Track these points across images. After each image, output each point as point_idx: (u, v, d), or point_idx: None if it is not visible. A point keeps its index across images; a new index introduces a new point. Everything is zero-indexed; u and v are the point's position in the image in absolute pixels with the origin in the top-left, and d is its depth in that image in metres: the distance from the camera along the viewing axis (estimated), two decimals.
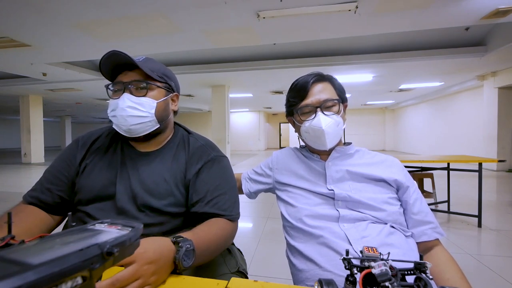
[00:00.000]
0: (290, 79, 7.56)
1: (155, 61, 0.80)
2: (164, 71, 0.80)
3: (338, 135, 0.81)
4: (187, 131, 0.88)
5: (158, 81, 0.77)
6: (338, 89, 0.84)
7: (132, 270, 0.45)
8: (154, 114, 0.74)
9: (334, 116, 0.79)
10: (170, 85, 0.81)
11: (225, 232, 0.70)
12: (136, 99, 0.72)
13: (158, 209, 0.71)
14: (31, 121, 9.15)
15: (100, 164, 0.76)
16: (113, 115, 0.73)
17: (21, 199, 0.75)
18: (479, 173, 2.64)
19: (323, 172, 0.82)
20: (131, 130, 0.73)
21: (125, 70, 0.74)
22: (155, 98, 0.75)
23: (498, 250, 2.17)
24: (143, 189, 0.72)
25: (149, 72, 0.73)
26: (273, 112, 16.86)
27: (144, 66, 0.72)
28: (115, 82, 0.74)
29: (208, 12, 3.21)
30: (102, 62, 0.71)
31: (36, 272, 0.20)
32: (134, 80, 0.73)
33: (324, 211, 0.75)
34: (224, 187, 0.76)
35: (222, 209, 0.73)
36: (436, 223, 0.74)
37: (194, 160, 0.78)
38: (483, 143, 7.01)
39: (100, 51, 4.56)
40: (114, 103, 0.72)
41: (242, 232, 2.67)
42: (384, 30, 3.81)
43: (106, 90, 0.76)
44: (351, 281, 0.41)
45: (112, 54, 0.69)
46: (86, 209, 0.72)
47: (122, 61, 0.71)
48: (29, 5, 2.97)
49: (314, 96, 0.80)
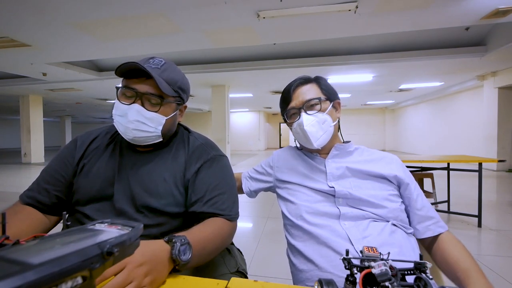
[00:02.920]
0: (290, 79, 7.59)
1: (174, 68, 0.76)
2: (180, 84, 0.76)
3: (326, 132, 0.81)
4: (187, 130, 0.88)
5: (172, 96, 0.74)
6: (324, 89, 0.85)
7: (123, 275, 0.45)
8: (160, 131, 0.73)
9: (318, 114, 0.80)
10: (182, 98, 0.78)
11: (222, 232, 0.69)
12: (147, 113, 0.70)
13: (157, 209, 0.71)
14: (31, 121, 9.15)
15: (98, 164, 0.75)
16: (119, 121, 0.71)
17: (18, 198, 0.74)
18: (479, 173, 2.64)
19: (323, 170, 0.82)
20: (134, 140, 0.73)
21: (141, 77, 0.70)
22: (165, 114, 0.73)
23: (498, 250, 2.17)
24: (142, 189, 0.72)
25: (165, 88, 0.70)
26: (273, 112, 16.85)
27: (161, 80, 0.69)
28: (128, 87, 0.70)
29: (208, 12, 3.21)
30: (120, 69, 0.68)
31: (36, 271, 0.20)
32: (149, 93, 0.70)
33: (325, 209, 0.75)
34: (223, 187, 0.75)
35: (221, 208, 0.72)
36: (438, 217, 0.75)
37: (193, 159, 0.77)
38: (483, 143, 7.01)
39: (100, 51, 4.56)
40: (123, 109, 0.70)
41: (242, 232, 2.67)
42: (384, 30, 3.81)
43: (116, 90, 0.73)
44: (351, 281, 0.41)
45: (132, 64, 0.67)
46: (84, 209, 0.72)
47: (142, 68, 0.68)
48: (29, 5, 2.97)
49: (298, 99, 0.83)
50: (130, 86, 0.70)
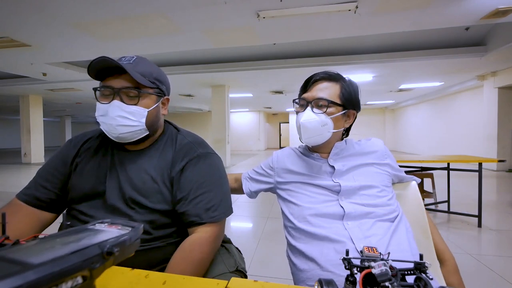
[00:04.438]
0: (290, 79, 7.55)
1: (147, 62, 0.76)
2: (156, 75, 0.76)
3: (321, 135, 0.81)
4: (176, 128, 0.88)
5: (150, 87, 0.74)
6: (344, 93, 0.81)
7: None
8: (144, 123, 0.73)
9: (321, 115, 0.79)
10: (161, 89, 0.78)
11: (203, 248, 0.69)
12: (127, 107, 0.70)
13: (147, 206, 0.72)
14: (31, 121, 9.16)
15: (91, 163, 0.77)
16: (102, 121, 0.71)
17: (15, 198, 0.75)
18: (479, 173, 2.64)
19: (326, 168, 0.83)
20: (120, 138, 0.73)
21: (115, 74, 0.71)
22: (146, 106, 0.73)
23: (498, 250, 2.17)
24: (131, 187, 0.73)
25: (140, 79, 0.70)
26: (273, 112, 16.85)
27: (134, 72, 0.69)
28: (104, 85, 0.71)
29: (208, 12, 3.21)
30: (92, 66, 0.68)
31: (37, 271, 0.20)
32: (125, 87, 0.70)
33: (329, 209, 0.75)
34: (209, 185, 0.75)
35: (205, 208, 0.72)
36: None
37: (179, 157, 0.77)
38: (483, 143, 7.01)
39: (100, 51, 4.56)
40: (103, 108, 0.70)
41: (242, 232, 2.68)
42: (384, 30, 3.81)
43: (94, 92, 0.74)
44: (351, 281, 0.41)
45: (102, 60, 0.67)
46: (79, 207, 0.73)
47: (113, 64, 0.68)
48: (29, 5, 2.97)
49: (312, 92, 0.82)
50: (106, 85, 0.71)
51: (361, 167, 0.82)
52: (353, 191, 0.77)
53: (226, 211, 0.76)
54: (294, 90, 8.39)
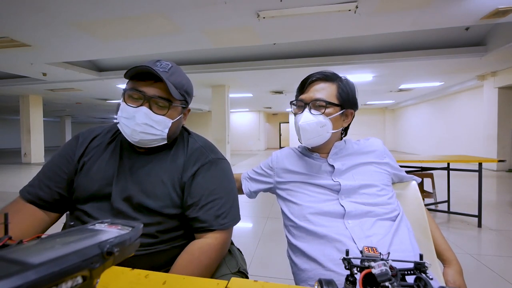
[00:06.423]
0: (290, 79, 7.54)
1: (181, 72, 0.76)
2: (186, 87, 0.76)
3: (320, 136, 0.81)
4: (187, 131, 0.87)
5: (179, 100, 0.74)
6: (341, 93, 0.81)
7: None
8: (166, 133, 0.73)
9: (319, 116, 0.79)
10: (187, 101, 0.78)
11: (212, 256, 0.68)
12: (155, 116, 0.70)
13: (154, 210, 0.71)
14: (31, 121, 9.15)
15: (98, 163, 0.75)
16: (126, 123, 0.70)
17: (18, 194, 0.74)
18: (479, 173, 2.64)
19: (326, 168, 0.83)
20: (139, 143, 0.72)
21: (150, 79, 0.70)
22: (171, 117, 0.73)
23: (498, 250, 2.17)
24: (139, 190, 0.72)
25: (174, 92, 0.70)
26: (273, 112, 16.85)
27: (170, 84, 0.69)
28: (137, 89, 0.69)
29: (208, 12, 3.21)
30: (131, 71, 0.68)
31: (37, 271, 0.20)
32: (158, 96, 0.70)
33: (329, 208, 0.75)
34: (220, 192, 0.74)
35: (215, 215, 0.71)
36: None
37: (191, 162, 0.76)
38: (483, 143, 7.01)
39: (100, 51, 4.56)
40: (130, 112, 0.69)
41: (242, 232, 2.68)
42: (384, 30, 3.81)
43: (123, 92, 0.72)
44: (351, 281, 0.41)
45: (145, 68, 0.67)
46: (84, 207, 0.72)
47: (153, 72, 0.68)
48: (29, 5, 2.97)
49: (309, 93, 0.82)
50: (138, 89, 0.69)
51: (360, 166, 0.82)
52: (353, 190, 0.77)
53: (235, 218, 0.76)
54: (294, 90, 8.24)
